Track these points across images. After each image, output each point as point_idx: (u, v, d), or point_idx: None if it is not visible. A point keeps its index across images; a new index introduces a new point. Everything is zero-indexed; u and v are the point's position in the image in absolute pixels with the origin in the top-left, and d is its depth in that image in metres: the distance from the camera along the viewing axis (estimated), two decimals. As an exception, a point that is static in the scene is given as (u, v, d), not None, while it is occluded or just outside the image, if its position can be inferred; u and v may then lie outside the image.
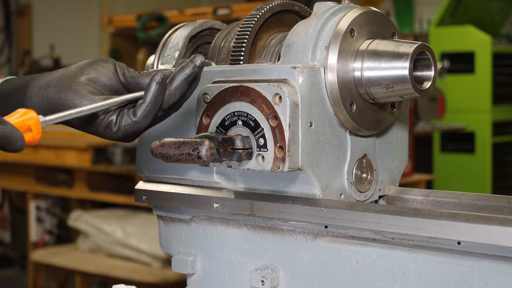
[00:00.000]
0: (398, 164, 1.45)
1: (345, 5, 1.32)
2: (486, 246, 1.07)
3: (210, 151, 1.19)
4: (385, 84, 1.25)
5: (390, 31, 1.35)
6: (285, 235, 1.30)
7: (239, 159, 1.26)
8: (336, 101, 1.27)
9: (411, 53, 1.23)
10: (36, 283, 5.04)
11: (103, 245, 4.60)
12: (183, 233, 1.46)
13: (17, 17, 9.72)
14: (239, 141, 1.26)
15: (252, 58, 1.41)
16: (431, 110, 5.51)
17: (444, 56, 5.94)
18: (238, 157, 1.26)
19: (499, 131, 6.01)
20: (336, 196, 1.31)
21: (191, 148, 1.19)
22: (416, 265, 1.15)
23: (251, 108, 1.26)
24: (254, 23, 1.38)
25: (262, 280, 1.30)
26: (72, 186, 4.94)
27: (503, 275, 1.07)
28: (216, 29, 1.56)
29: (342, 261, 1.23)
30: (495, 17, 6.78)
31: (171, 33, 1.54)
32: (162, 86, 1.15)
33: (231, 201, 1.34)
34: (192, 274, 1.44)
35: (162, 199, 1.45)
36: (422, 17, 7.85)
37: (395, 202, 1.43)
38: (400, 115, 1.42)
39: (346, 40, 1.27)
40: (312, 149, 1.25)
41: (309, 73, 1.25)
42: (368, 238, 1.21)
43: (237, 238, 1.37)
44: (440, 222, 1.10)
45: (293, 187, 1.30)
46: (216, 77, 1.35)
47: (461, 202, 1.36)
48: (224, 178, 1.39)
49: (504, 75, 6.03)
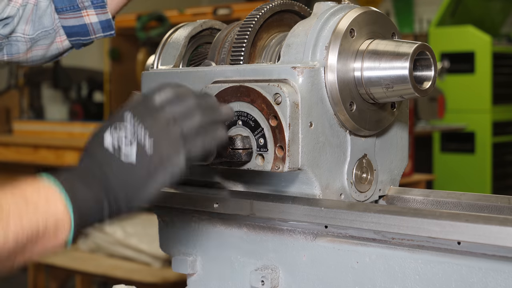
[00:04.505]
0: (398, 164, 1.45)
1: (345, 5, 1.32)
2: (486, 246, 1.07)
3: (242, 143, 1.20)
4: (385, 84, 1.25)
5: (390, 31, 1.35)
6: (285, 235, 1.30)
7: (239, 159, 1.26)
8: (336, 101, 1.27)
9: (411, 53, 1.23)
10: (36, 283, 5.04)
11: (103, 245, 4.60)
12: (183, 233, 1.46)
13: (17, 17, 9.69)
14: (239, 141, 1.26)
15: (252, 58, 1.41)
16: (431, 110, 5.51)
17: (444, 56, 5.94)
18: (238, 157, 1.26)
19: (499, 131, 6.01)
20: (336, 196, 1.31)
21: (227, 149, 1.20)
22: (416, 265, 1.15)
23: (251, 108, 1.26)
24: (254, 23, 1.38)
25: (262, 280, 1.30)
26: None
27: (503, 275, 1.07)
28: (216, 29, 1.56)
29: (342, 261, 1.23)
30: (495, 17, 6.78)
31: (171, 33, 1.54)
32: None
33: (231, 201, 1.34)
34: (192, 274, 1.44)
35: (162, 199, 1.45)
36: (422, 17, 7.85)
37: (395, 202, 1.43)
38: (400, 115, 1.42)
39: (346, 40, 1.27)
40: (312, 149, 1.25)
41: (309, 73, 1.25)
42: (368, 238, 1.21)
43: (237, 238, 1.37)
44: (440, 222, 1.10)
45: (293, 187, 1.30)
46: (216, 77, 1.35)
47: (461, 202, 1.36)
48: (224, 178, 1.39)
49: (504, 75, 6.03)
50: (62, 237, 1.03)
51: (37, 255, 1.03)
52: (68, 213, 1.03)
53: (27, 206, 1.00)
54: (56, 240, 1.03)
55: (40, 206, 1.01)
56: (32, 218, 1.00)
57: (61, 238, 1.03)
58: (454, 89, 5.95)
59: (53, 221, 1.02)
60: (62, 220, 1.03)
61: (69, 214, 1.03)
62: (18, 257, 1.01)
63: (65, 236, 1.04)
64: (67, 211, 1.03)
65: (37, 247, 1.02)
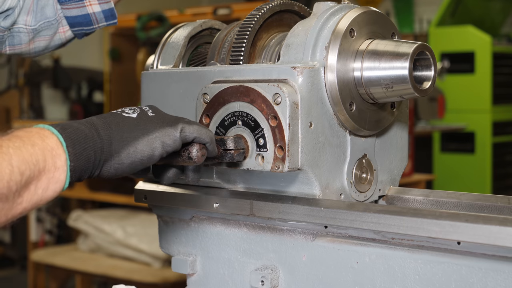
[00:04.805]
0: (398, 164, 1.45)
1: (345, 5, 1.32)
2: (485, 246, 1.07)
3: (201, 152, 1.19)
4: (385, 84, 1.25)
5: (390, 31, 1.35)
6: (285, 235, 1.30)
7: (231, 160, 1.26)
8: (336, 101, 1.27)
9: (411, 53, 1.23)
10: (36, 283, 5.04)
11: (103, 245, 4.60)
12: (183, 233, 1.46)
13: (17, 17, 9.70)
14: (230, 142, 1.26)
15: (252, 58, 1.41)
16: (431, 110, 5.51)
17: (444, 56, 5.94)
18: (230, 157, 1.26)
19: (499, 131, 6.01)
20: (336, 196, 1.31)
21: (181, 149, 1.19)
22: (416, 265, 1.15)
23: (250, 108, 1.26)
24: (254, 23, 1.38)
25: (262, 280, 1.30)
26: (72, 186, 4.94)
27: (503, 275, 1.07)
28: (216, 29, 1.56)
29: (342, 261, 1.23)
30: (495, 17, 6.78)
31: (171, 33, 1.54)
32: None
33: (231, 201, 1.34)
34: (192, 274, 1.44)
35: (162, 199, 1.45)
36: (422, 17, 7.85)
37: (395, 202, 1.43)
38: (400, 115, 1.42)
39: (346, 40, 1.27)
40: (312, 149, 1.25)
41: (309, 73, 1.25)
42: (368, 238, 1.21)
43: (237, 238, 1.37)
44: (440, 222, 1.10)
45: (293, 187, 1.30)
46: (216, 77, 1.35)
47: (461, 202, 1.36)
48: (224, 178, 1.39)
49: (504, 75, 6.03)
50: (61, 171, 1.05)
51: (41, 196, 1.04)
52: (61, 144, 1.06)
53: (23, 143, 1.02)
54: (56, 173, 1.05)
55: (36, 143, 1.04)
56: (31, 152, 1.02)
57: (60, 172, 1.05)
58: (454, 89, 5.95)
59: (50, 154, 1.04)
60: (57, 153, 1.05)
61: (62, 145, 1.06)
62: (25, 195, 1.02)
63: (64, 170, 1.06)
64: (60, 143, 1.06)
65: (40, 183, 1.03)
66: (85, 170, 1.09)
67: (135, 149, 1.13)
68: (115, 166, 1.12)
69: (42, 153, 1.03)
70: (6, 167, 0.98)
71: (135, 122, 1.16)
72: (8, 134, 1.04)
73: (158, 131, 1.15)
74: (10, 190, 0.98)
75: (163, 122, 1.18)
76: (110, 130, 1.12)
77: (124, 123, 1.15)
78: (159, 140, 1.14)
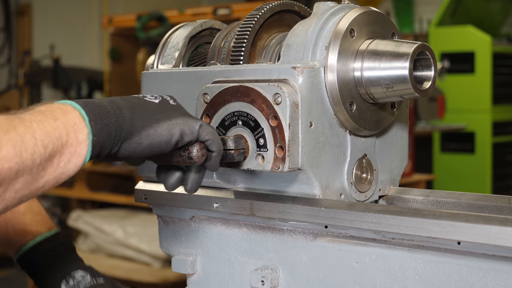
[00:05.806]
0: (398, 164, 1.45)
1: (345, 5, 1.32)
2: (486, 246, 1.07)
3: (201, 152, 1.19)
4: (385, 84, 1.25)
5: (390, 31, 1.35)
6: (285, 235, 1.30)
7: (231, 160, 1.26)
8: (336, 101, 1.27)
9: (411, 53, 1.23)
10: (36, 283, 5.03)
11: (103, 245, 4.60)
12: (183, 233, 1.46)
13: (17, 17, 9.72)
14: (230, 142, 1.26)
15: (252, 58, 1.41)
16: (431, 110, 5.51)
17: (444, 56, 5.94)
18: (230, 157, 1.26)
19: (499, 131, 6.01)
20: (336, 196, 1.31)
21: (182, 149, 1.19)
22: (416, 265, 1.15)
23: (251, 108, 1.26)
24: (254, 23, 1.38)
25: (262, 280, 1.30)
26: (72, 186, 4.94)
27: (503, 275, 1.07)
28: (216, 29, 1.56)
29: (342, 261, 1.23)
30: (495, 17, 6.78)
31: (171, 33, 1.54)
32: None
33: (231, 201, 1.34)
34: (192, 274, 1.44)
35: (162, 199, 1.45)
36: (422, 17, 7.85)
37: (395, 202, 1.43)
38: (400, 115, 1.42)
39: (346, 40, 1.27)
40: (312, 149, 1.25)
41: (309, 73, 1.25)
42: (368, 238, 1.21)
43: (237, 238, 1.37)
44: (440, 222, 1.10)
45: (293, 187, 1.30)
46: (216, 77, 1.35)
47: (461, 202, 1.36)
48: (224, 178, 1.39)
49: (504, 75, 6.03)
50: (83, 145, 1.06)
51: (63, 170, 1.04)
52: (83, 118, 1.07)
53: (46, 117, 1.03)
54: (78, 147, 1.05)
55: (58, 117, 1.04)
56: (54, 126, 1.03)
57: (82, 146, 1.06)
58: (454, 89, 5.95)
59: (73, 129, 1.05)
60: (80, 127, 1.06)
61: (84, 120, 1.07)
62: (48, 168, 1.02)
63: (86, 145, 1.06)
64: (82, 117, 1.07)
65: (63, 157, 1.04)
66: (106, 145, 1.10)
67: (155, 131, 1.14)
68: (134, 145, 1.13)
69: (64, 127, 1.04)
70: (30, 140, 0.98)
71: (157, 106, 1.18)
72: (30, 110, 1.04)
73: (180, 119, 1.17)
74: (34, 163, 0.99)
75: (184, 112, 1.20)
76: (133, 110, 1.14)
77: (147, 105, 1.17)
78: (179, 127, 1.16)
